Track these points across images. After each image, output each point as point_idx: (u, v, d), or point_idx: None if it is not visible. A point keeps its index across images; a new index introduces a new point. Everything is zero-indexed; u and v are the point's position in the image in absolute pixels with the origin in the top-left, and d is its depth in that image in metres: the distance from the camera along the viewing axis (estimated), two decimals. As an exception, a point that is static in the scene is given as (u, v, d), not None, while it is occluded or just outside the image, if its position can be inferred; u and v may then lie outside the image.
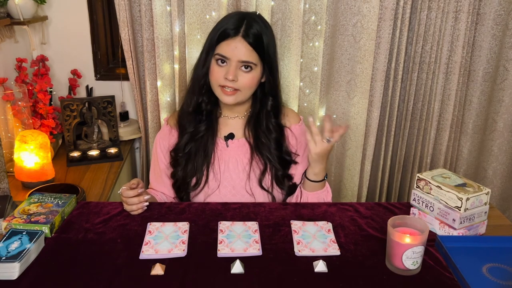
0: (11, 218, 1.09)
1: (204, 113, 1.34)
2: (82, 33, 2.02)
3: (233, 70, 1.23)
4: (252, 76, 1.26)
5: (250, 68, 1.25)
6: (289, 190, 1.37)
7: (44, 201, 1.18)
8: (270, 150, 1.33)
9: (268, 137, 1.34)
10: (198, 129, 1.34)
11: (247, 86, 1.27)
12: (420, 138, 2.02)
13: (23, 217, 1.10)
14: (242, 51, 1.22)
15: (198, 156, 1.33)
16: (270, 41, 1.28)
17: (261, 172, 1.33)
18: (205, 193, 1.34)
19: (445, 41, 1.85)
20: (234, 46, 1.22)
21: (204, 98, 1.33)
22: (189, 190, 1.34)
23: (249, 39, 1.23)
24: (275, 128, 1.35)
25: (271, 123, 1.35)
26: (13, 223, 1.08)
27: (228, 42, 1.23)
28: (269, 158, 1.33)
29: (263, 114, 1.34)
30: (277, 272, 0.97)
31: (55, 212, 1.13)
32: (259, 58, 1.25)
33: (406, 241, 0.95)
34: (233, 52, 1.23)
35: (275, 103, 1.35)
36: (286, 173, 1.36)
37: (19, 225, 1.08)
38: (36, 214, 1.12)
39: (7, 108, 1.67)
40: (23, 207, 1.15)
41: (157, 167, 1.41)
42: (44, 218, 1.10)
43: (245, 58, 1.23)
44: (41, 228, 1.07)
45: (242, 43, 1.22)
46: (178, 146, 1.35)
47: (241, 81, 1.25)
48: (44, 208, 1.15)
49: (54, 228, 1.10)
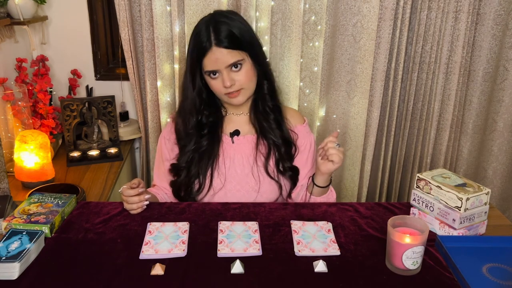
0: (11, 218, 1.09)
1: (206, 127, 1.35)
2: (82, 33, 2.02)
3: (227, 77, 1.24)
4: (245, 70, 1.26)
5: (240, 65, 1.25)
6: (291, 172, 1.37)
7: (44, 201, 1.18)
8: (273, 131, 1.35)
9: (268, 118, 1.35)
10: (201, 144, 1.34)
11: (247, 81, 1.28)
12: (420, 138, 2.02)
13: (23, 217, 1.10)
14: (223, 58, 1.23)
15: (202, 162, 1.33)
16: (241, 30, 1.26)
17: (265, 157, 1.34)
18: (210, 195, 1.34)
19: (445, 41, 1.85)
20: (215, 57, 1.23)
21: (204, 112, 1.34)
22: (193, 195, 1.34)
23: (224, 43, 1.22)
24: (272, 109, 1.36)
25: (268, 105, 1.36)
26: (13, 223, 1.08)
27: (208, 56, 1.24)
28: (273, 140, 1.34)
29: (260, 98, 1.36)
30: (277, 272, 0.97)
31: (55, 212, 1.13)
32: (241, 53, 1.25)
33: (406, 241, 0.95)
34: (216, 63, 1.23)
35: (269, 85, 1.36)
36: (289, 151, 1.37)
37: (19, 225, 1.08)
38: (36, 214, 1.12)
39: (7, 108, 1.67)
40: (23, 207, 1.15)
41: (161, 165, 1.41)
42: (44, 218, 1.10)
43: (229, 62, 1.23)
44: (41, 228, 1.07)
45: (220, 51, 1.22)
46: (180, 161, 1.35)
47: (239, 80, 1.26)
48: (44, 208, 1.15)
49: (54, 228, 1.10)
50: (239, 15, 1.34)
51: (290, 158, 1.38)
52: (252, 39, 1.29)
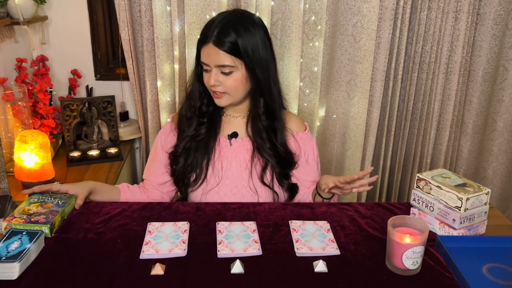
0: (11, 218, 1.09)
1: (205, 115, 1.35)
2: (82, 33, 2.02)
3: (213, 76, 1.24)
4: (234, 78, 1.24)
5: (230, 72, 1.24)
6: (289, 189, 1.37)
7: (44, 201, 1.18)
8: (265, 149, 1.33)
9: (261, 136, 1.34)
10: (199, 131, 1.34)
11: (232, 88, 1.26)
12: (420, 138, 2.02)
13: (23, 217, 1.10)
14: (215, 57, 1.22)
15: (198, 153, 1.34)
16: (250, 42, 1.22)
17: (262, 169, 1.34)
18: (203, 189, 1.34)
19: (445, 41, 1.85)
20: (208, 52, 1.23)
21: (204, 101, 1.34)
22: (189, 186, 1.35)
23: (220, 45, 1.21)
24: (266, 128, 1.34)
25: (262, 125, 1.34)
26: (13, 223, 1.08)
27: (204, 49, 1.24)
28: (266, 157, 1.33)
29: (255, 114, 1.34)
30: (277, 272, 0.97)
31: (55, 212, 1.13)
32: (236, 59, 1.23)
33: (406, 241, 0.95)
34: (208, 58, 1.23)
35: (265, 104, 1.32)
36: (284, 172, 1.36)
37: (19, 225, 1.08)
38: (36, 214, 1.11)
39: (7, 108, 1.67)
40: (23, 207, 1.15)
41: (154, 162, 1.41)
42: (44, 218, 1.10)
43: (219, 63, 1.22)
44: (41, 228, 1.07)
45: (213, 49, 1.22)
46: (177, 147, 1.36)
47: (225, 84, 1.25)
48: (44, 208, 1.15)
49: (54, 228, 1.10)
50: (260, 26, 1.27)
51: (286, 176, 1.37)
52: (259, 56, 1.24)
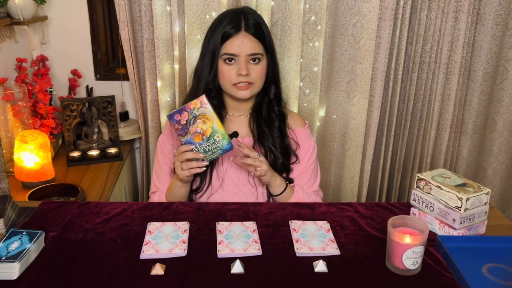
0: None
1: None
2: (82, 33, 2.02)
3: (245, 65, 1.26)
4: (261, 67, 1.29)
5: (258, 60, 1.28)
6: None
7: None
8: (273, 139, 1.34)
9: (271, 126, 1.35)
10: None
11: (260, 78, 1.30)
12: (420, 138, 2.02)
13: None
14: (248, 44, 1.26)
15: None
16: (267, 30, 1.33)
17: None
18: (208, 193, 1.34)
19: (445, 41, 1.85)
20: (240, 41, 1.25)
21: (213, 102, 1.32)
22: (195, 192, 1.34)
23: (252, 30, 1.26)
24: (278, 116, 1.36)
25: (274, 111, 1.36)
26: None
27: (233, 39, 1.26)
28: (271, 148, 1.34)
29: (266, 103, 1.36)
30: (277, 272, 0.97)
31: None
32: (263, 48, 1.29)
33: (406, 241, 0.95)
34: (240, 48, 1.25)
35: (277, 91, 1.37)
36: (286, 163, 1.36)
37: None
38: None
39: (7, 108, 1.67)
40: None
41: (161, 169, 1.39)
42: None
43: (252, 51, 1.26)
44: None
45: (247, 36, 1.26)
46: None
47: (253, 74, 1.28)
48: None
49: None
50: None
51: (286, 169, 1.37)
52: (271, 42, 1.34)
